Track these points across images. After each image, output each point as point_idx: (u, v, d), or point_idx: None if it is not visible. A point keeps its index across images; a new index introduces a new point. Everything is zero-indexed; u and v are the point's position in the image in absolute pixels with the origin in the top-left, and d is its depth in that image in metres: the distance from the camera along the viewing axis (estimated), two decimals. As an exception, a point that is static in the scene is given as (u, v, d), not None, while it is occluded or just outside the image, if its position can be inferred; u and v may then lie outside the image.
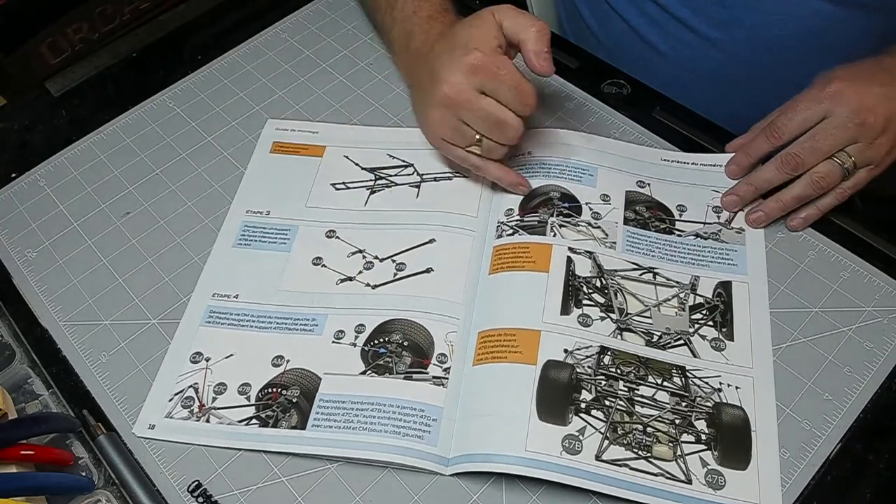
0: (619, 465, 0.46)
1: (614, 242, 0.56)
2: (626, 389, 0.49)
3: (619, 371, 0.50)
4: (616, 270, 0.55)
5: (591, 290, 0.53)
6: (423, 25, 0.59)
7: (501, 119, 0.53)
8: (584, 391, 0.49)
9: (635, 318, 0.52)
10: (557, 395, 0.48)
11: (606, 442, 0.47)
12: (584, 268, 0.55)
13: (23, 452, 0.46)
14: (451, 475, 0.47)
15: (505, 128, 0.53)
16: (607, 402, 0.48)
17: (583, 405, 0.48)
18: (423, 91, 0.57)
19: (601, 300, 0.53)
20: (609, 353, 0.51)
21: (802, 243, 0.56)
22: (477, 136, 0.54)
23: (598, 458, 0.46)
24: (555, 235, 0.56)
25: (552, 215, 0.57)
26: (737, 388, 0.49)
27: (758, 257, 0.56)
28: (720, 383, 0.50)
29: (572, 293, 0.53)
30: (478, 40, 0.52)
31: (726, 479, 0.46)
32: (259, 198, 0.60)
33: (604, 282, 0.54)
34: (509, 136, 0.54)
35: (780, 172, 0.54)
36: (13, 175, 0.64)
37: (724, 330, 0.52)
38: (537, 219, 0.57)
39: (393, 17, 0.62)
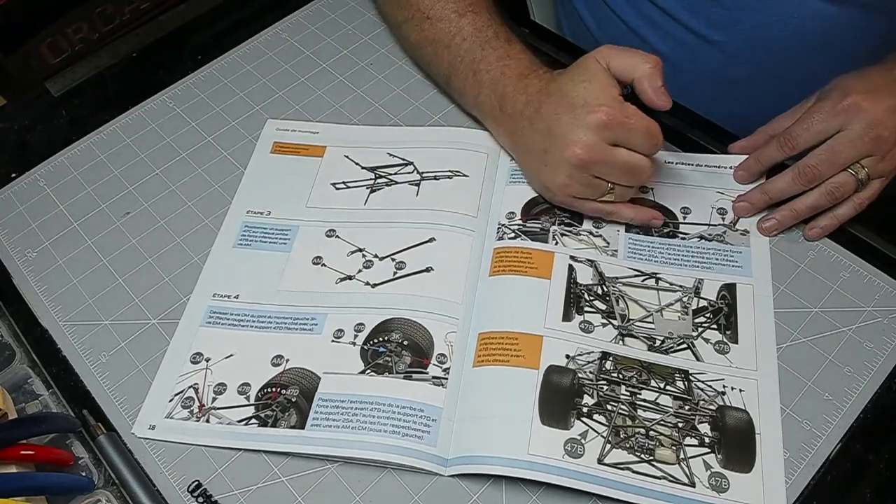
0: (622, 469, 0.46)
1: (616, 250, 0.56)
2: (628, 394, 0.49)
3: (620, 376, 0.50)
4: (617, 278, 0.55)
5: (592, 298, 0.54)
6: (517, 85, 0.57)
7: (636, 164, 0.53)
8: (585, 396, 0.49)
9: (637, 323, 0.52)
10: (559, 399, 0.48)
11: (608, 446, 0.47)
12: (585, 276, 0.55)
13: (23, 452, 0.46)
14: (451, 476, 0.47)
15: (639, 171, 0.53)
16: (609, 407, 0.49)
17: (584, 409, 0.48)
18: (541, 154, 0.55)
19: (602, 307, 0.53)
20: (611, 358, 0.51)
21: (802, 243, 0.56)
22: (610, 186, 0.54)
23: (600, 461, 0.46)
24: (556, 244, 0.56)
25: (554, 223, 0.57)
26: (741, 390, 0.49)
27: (762, 259, 0.55)
28: (724, 386, 0.50)
29: (574, 300, 0.53)
30: (597, 96, 0.52)
31: (730, 481, 0.46)
32: (259, 198, 0.60)
33: (605, 289, 0.54)
34: (643, 177, 0.54)
35: (796, 184, 0.55)
36: (13, 175, 0.64)
37: (728, 332, 0.52)
38: (539, 226, 0.57)
39: (478, 80, 0.59)
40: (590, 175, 0.53)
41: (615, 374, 0.50)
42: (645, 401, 0.49)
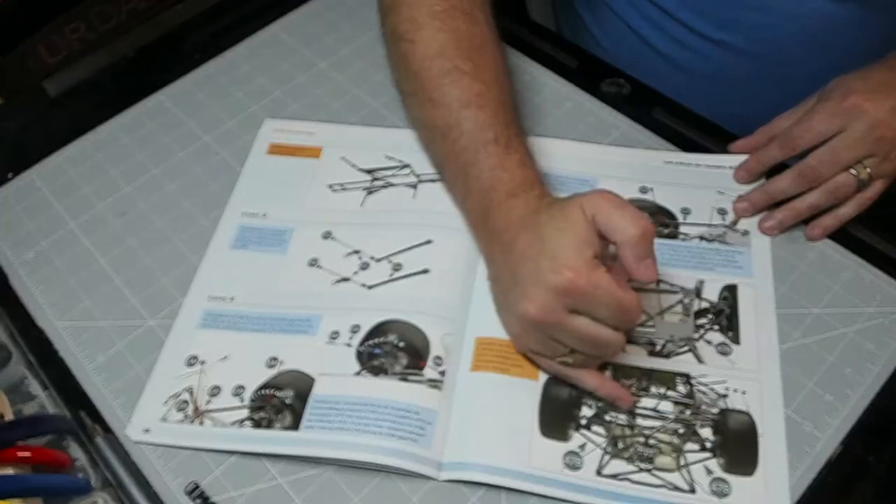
0: (620, 480, 0.46)
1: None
2: None
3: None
4: None
5: None
6: (503, 204, 0.50)
7: (598, 338, 0.45)
8: (584, 407, 0.49)
9: (637, 329, 0.52)
10: (559, 411, 0.48)
11: (607, 457, 0.47)
12: None
13: (19, 454, 0.46)
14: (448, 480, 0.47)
15: (603, 346, 0.46)
16: (608, 418, 0.48)
17: (583, 421, 0.48)
18: (505, 290, 0.50)
19: None
20: (610, 367, 0.50)
21: (803, 244, 0.56)
22: (569, 349, 0.47)
23: (598, 473, 0.46)
24: None
25: None
26: (743, 392, 0.49)
27: (763, 259, 0.55)
28: (726, 389, 0.49)
29: None
30: (568, 254, 0.44)
31: (731, 486, 0.45)
32: (255, 200, 0.60)
33: None
34: (608, 352, 0.47)
35: (797, 184, 0.54)
36: (10, 175, 0.64)
37: (730, 333, 0.52)
38: None
39: (467, 185, 0.53)
40: (544, 335, 0.46)
41: None
42: (644, 408, 0.49)
